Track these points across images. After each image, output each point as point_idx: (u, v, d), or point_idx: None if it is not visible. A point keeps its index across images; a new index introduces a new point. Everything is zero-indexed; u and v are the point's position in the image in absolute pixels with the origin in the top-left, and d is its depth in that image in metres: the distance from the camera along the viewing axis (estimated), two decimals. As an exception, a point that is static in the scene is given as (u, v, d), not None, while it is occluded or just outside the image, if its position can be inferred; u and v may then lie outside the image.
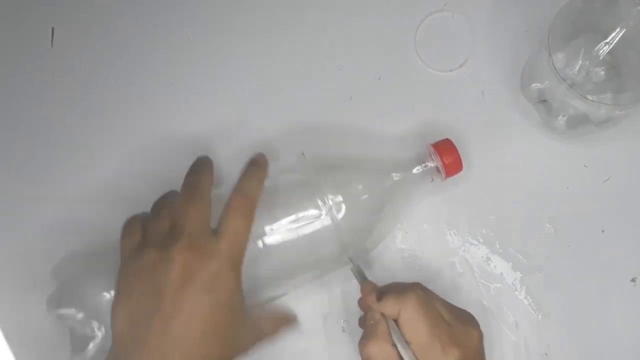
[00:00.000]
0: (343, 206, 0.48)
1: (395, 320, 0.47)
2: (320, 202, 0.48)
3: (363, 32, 0.62)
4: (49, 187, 0.60)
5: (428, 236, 0.58)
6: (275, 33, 0.62)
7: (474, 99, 0.60)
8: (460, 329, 0.47)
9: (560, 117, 0.55)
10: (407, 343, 0.46)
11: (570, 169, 0.58)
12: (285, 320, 0.49)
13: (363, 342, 0.46)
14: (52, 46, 0.62)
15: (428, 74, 0.60)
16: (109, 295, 0.47)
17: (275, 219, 0.48)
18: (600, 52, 0.52)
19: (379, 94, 0.60)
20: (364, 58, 0.61)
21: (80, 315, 0.46)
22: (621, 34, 0.51)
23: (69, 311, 0.46)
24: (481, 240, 0.57)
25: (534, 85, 0.56)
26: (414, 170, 0.52)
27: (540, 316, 0.56)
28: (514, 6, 0.61)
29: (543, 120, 0.58)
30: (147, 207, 0.49)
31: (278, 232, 0.48)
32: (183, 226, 0.43)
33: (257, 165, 0.48)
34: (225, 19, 0.63)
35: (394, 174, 0.51)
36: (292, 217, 0.48)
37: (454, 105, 0.60)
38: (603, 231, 0.57)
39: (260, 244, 0.48)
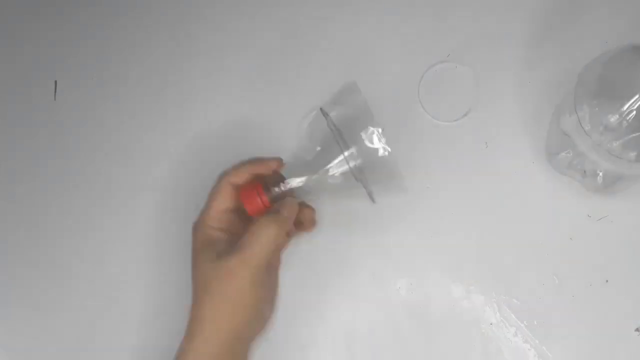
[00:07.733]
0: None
1: None
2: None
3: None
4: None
5: (432, 287, 0.58)
6: (276, 81, 0.63)
7: (477, 149, 0.60)
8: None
9: (599, 177, 0.54)
10: None
11: (574, 219, 0.58)
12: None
13: None
14: (55, 99, 0.63)
15: (431, 124, 0.61)
16: None
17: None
18: (626, 108, 0.49)
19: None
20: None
21: None
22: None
23: None
24: (486, 290, 0.57)
25: (562, 154, 0.55)
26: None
27: (545, 368, 0.56)
28: (517, 55, 0.61)
29: (581, 183, 0.57)
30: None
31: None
32: None
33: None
34: (219, 77, 0.64)
35: None
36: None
37: (457, 155, 0.60)
38: (607, 281, 0.57)
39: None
